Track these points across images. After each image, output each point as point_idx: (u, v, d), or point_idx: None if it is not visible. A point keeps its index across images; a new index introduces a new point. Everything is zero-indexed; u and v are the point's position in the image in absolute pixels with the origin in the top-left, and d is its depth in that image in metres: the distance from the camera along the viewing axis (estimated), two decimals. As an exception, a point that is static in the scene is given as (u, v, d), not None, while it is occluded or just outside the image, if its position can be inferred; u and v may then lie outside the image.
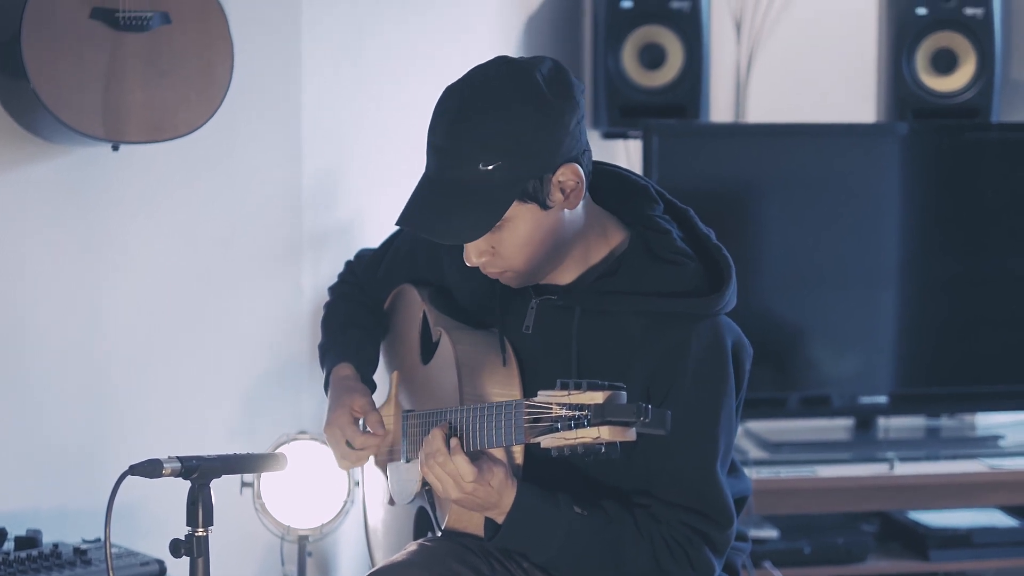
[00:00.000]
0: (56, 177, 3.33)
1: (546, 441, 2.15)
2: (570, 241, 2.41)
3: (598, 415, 2.10)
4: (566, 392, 2.13)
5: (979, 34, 4.18)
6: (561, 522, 2.36)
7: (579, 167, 2.34)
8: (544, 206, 2.33)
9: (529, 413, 2.19)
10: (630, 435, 2.11)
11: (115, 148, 3.17)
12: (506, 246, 2.36)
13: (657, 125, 4.02)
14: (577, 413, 2.11)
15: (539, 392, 2.18)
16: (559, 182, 2.33)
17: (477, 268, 2.41)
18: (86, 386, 3.41)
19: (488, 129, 2.29)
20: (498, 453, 2.38)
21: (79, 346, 3.40)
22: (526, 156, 2.30)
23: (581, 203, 2.39)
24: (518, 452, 2.40)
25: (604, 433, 2.10)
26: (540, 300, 2.47)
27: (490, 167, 2.29)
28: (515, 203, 2.32)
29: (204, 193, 3.51)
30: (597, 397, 2.11)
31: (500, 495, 2.35)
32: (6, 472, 3.31)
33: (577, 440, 2.11)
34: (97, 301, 3.41)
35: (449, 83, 2.41)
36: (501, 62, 2.38)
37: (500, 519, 2.37)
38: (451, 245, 2.48)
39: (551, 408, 2.14)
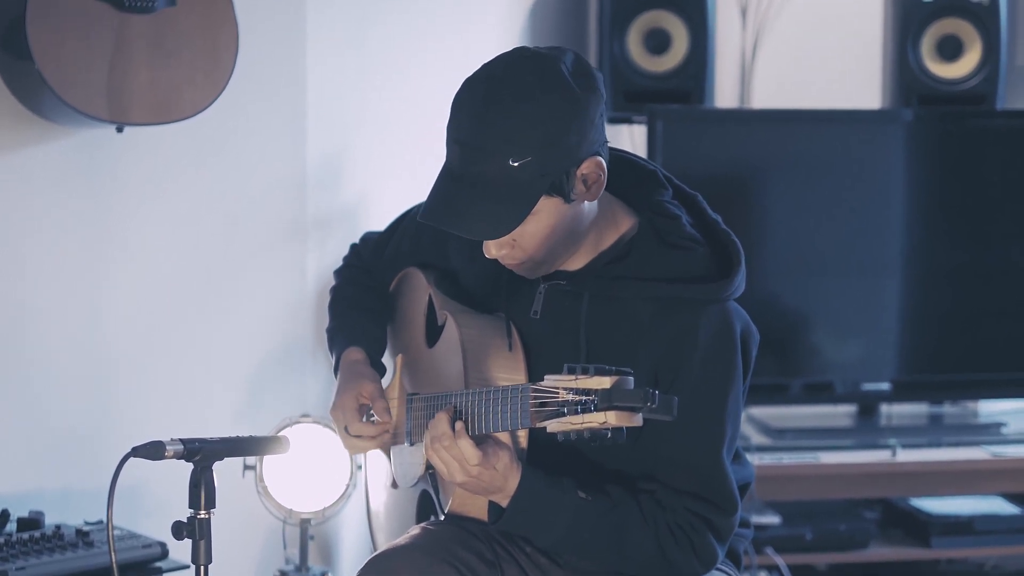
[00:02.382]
0: (60, 158, 3.33)
1: (552, 425, 2.14)
2: (586, 229, 2.40)
3: (605, 400, 2.09)
4: (573, 377, 2.12)
5: (985, 21, 4.17)
6: (565, 506, 2.36)
7: (602, 159, 2.33)
8: (568, 199, 2.31)
9: (536, 397, 2.18)
10: (636, 420, 2.11)
11: (119, 130, 3.16)
12: (528, 239, 2.34)
13: (662, 110, 4.01)
14: (584, 398, 2.10)
15: (546, 376, 2.17)
16: (583, 175, 2.31)
17: (483, 252, 2.40)
18: (90, 368, 3.41)
19: (517, 123, 2.25)
20: (503, 437, 2.37)
21: (83, 328, 3.40)
22: (555, 151, 2.26)
23: None
24: (523, 436, 2.40)
25: (611, 418, 2.09)
26: (549, 285, 2.46)
27: (519, 162, 2.25)
28: (541, 197, 2.30)
29: (208, 176, 3.51)
30: (604, 382, 2.10)
31: (505, 479, 2.34)
32: (8, 453, 3.31)
33: (584, 425, 2.10)
34: (100, 282, 3.41)
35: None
36: (523, 54, 2.33)
37: (504, 503, 2.37)
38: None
39: (558, 393, 2.14)
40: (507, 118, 2.25)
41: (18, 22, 2.97)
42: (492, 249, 2.37)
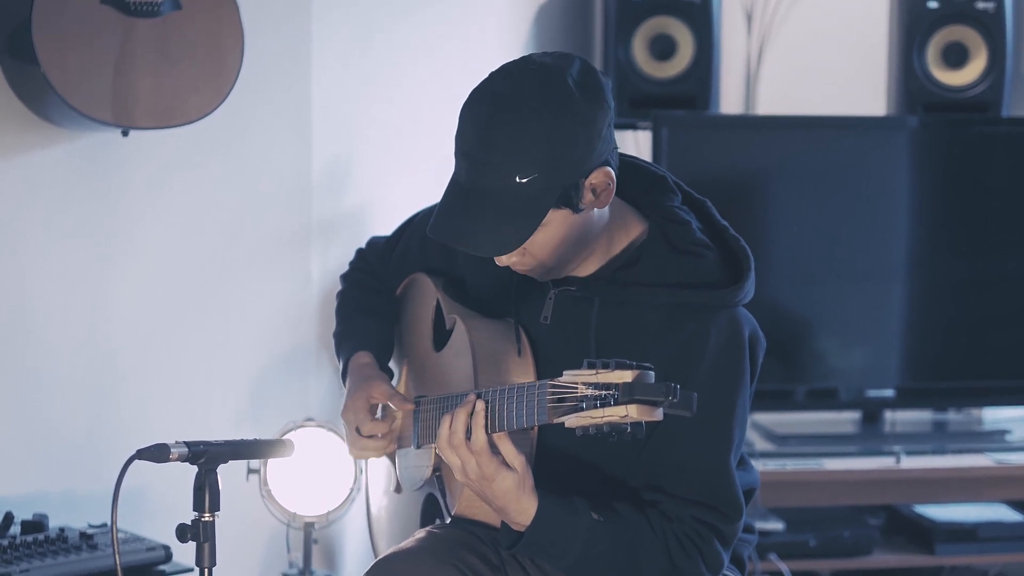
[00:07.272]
0: (66, 162, 3.33)
1: (571, 420, 2.12)
2: (598, 234, 2.40)
3: (627, 393, 2.07)
4: (593, 371, 2.11)
5: (990, 28, 4.17)
6: (580, 531, 2.34)
7: (610, 169, 2.32)
8: (576, 210, 2.31)
9: (553, 393, 2.16)
10: (657, 415, 2.09)
11: (125, 134, 3.17)
12: (538, 248, 2.33)
13: (667, 116, 4.01)
14: (604, 392, 2.09)
15: (564, 372, 2.15)
16: (591, 185, 2.30)
17: (491, 258, 2.40)
18: (94, 371, 3.41)
19: (523, 140, 2.24)
20: (516, 459, 2.33)
21: (87, 331, 3.40)
22: (562, 166, 2.26)
23: None
24: (534, 437, 2.39)
25: (632, 412, 2.07)
26: (559, 291, 2.46)
27: (526, 179, 2.25)
28: (550, 210, 2.30)
29: (213, 180, 3.51)
30: (626, 376, 2.08)
31: (518, 498, 2.31)
32: (13, 456, 3.31)
33: (604, 419, 2.09)
34: (105, 286, 3.41)
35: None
36: (529, 65, 2.31)
37: (510, 519, 2.35)
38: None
39: (576, 388, 2.12)
40: (513, 135, 2.25)
41: (24, 26, 2.98)
42: (503, 258, 2.37)
